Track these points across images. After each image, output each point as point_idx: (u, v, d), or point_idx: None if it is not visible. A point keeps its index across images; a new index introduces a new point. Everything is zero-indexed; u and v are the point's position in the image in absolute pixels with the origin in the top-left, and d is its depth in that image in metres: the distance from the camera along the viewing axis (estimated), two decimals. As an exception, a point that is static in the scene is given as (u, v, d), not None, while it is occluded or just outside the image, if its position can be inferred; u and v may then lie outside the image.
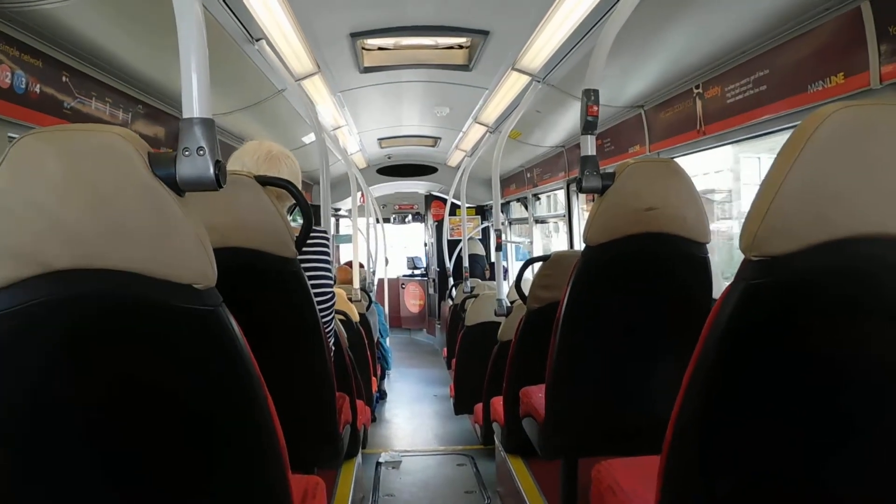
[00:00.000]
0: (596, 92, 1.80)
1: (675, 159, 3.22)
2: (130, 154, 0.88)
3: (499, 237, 4.07)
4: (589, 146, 1.80)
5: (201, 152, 0.91)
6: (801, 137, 0.94)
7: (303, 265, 1.66)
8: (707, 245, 1.82)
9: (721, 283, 2.81)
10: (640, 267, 1.82)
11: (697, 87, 3.02)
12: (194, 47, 0.93)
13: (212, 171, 0.92)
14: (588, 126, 1.80)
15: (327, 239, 2.02)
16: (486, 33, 3.28)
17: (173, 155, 0.91)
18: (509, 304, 3.70)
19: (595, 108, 1.79)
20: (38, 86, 2.18)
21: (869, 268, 0.98)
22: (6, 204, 0.88)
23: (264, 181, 1.56)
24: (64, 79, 2.35)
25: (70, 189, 0.88)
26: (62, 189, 0.88)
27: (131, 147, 0.89)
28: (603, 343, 1.90)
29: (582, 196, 5.22)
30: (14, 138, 2.00)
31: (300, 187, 1.82)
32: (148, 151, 0.90)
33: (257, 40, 2.94)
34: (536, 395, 2.27)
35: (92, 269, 0.90)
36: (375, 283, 7.32)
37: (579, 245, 5.23)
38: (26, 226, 0.88)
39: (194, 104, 0.93)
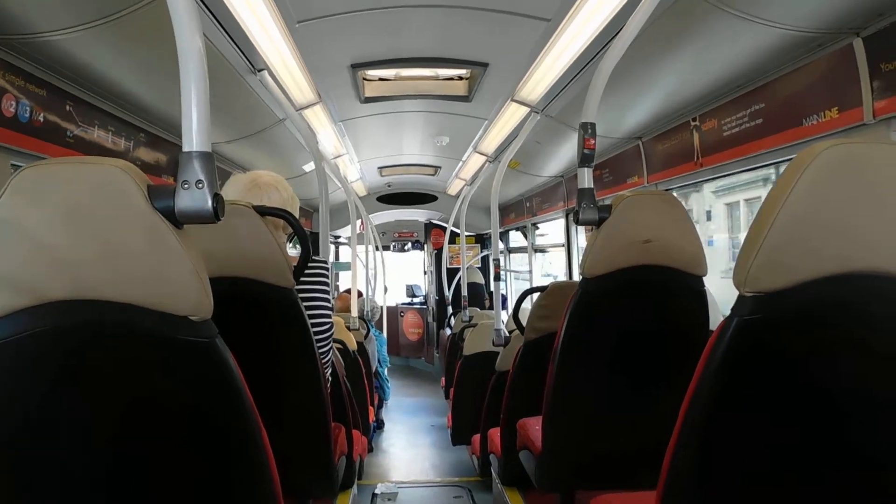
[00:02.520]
0: (593, 125, 1.81)
1: (673, 191, 3.25)
2: (130, 187, 0.89)
3: (497, 267, 4.07)
4: (586, 179, 1.81)
5: (200, 185, 0.92)
6: (793, 174, 0.96)
7: (301, 294, 1.66)
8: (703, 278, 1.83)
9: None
10: (637, 299, 1.82)
11: (694, 119, 3.05)
12: (195, 82, 0.94)
13: (210, 203, 0.92)
14: (585, 159, 1.81)
15: (326, 268, 2.03)
16: (485, 65, 3.32)
17: (172, 188, 0.92)
18: (507, 334, 3.68)
19: (592, 142, 1.80)
20: (41, 114, 2.20)
21: (860, 303, 0.99)
22: (4, 234, 0.89)
23: (263, 211, 1.57)
24: (67, 107, 2.37)
25: (69, 221, 0.89)
26: (61, 221, 0.89)
27: (131, 180, 0.89)
28: (600, 375, 1.89)
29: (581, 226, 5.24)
30: (17, 166, 2.04)
31: (296, 215, 1.83)
32: (147, 184, 0.91)
33: (259, 71, 2.97)
34: (533, 426, 2.26)
35: (88, 300, 0.90)
36: (380, 311, 7.28)
37: (578, 275, 5.23)
38: (23, 256, 0.89)
39: (194, 137, 0.94)
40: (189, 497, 1.03)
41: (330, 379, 2.04)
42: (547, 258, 7.35)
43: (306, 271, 1.77)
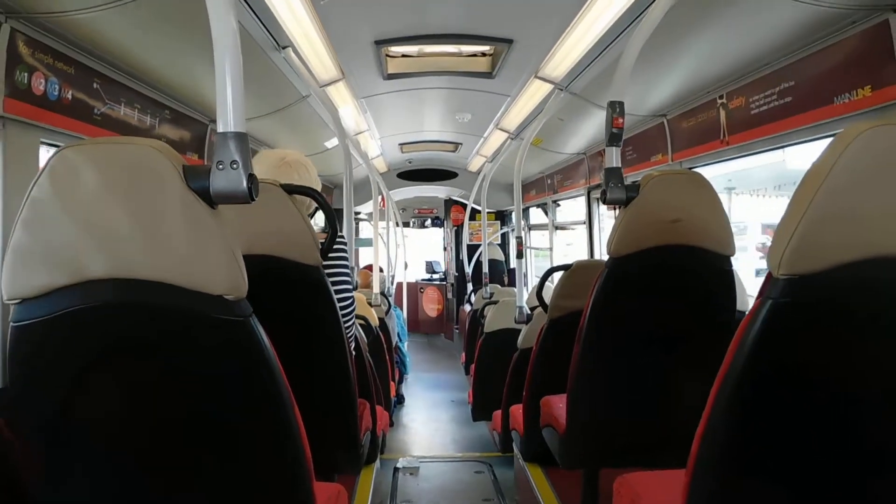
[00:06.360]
0: (621, 104, 1.80)
1: (699, 170, 3.22)
2: (166, 167, 0.90)
3: (520, 244, 4.06)
4: (613, 158, 1.80)
5: (235, 166, 0.93)
6: (831, 156, 0.94)
7: (325, 272, 1.68)
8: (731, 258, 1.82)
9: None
10: (664, 279, 1.81)
11: (721, 97, 3.00)
12: (230, 64, 0.95)
13: (245, 184, 0.93)
14: (613, 138, 1.80)
15: (346, 244, 2.04)
16: (509, 42, 3.29)
17: (207, 168, 0.93)
18: (529, 312, 3.68)
19: (620, 121, 1.79)
20: (70, 92, 2.21)
21: None
22: (44, 214, 0.91)
23: (290, 189, 1.58)
24: (95, 85, 2.39)
25: (106, 201, 0.90)
26: (99, 200, 0.90)
27: (167, 160, 0.91)
28: (626, 354, 1.89)
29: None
30: (46, 143, 2.06)
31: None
32: (183, 164, 0.92)
33: (284, 48, 2.97)
34: (557, 404, 2.27)
35: (125, 279, 0.92)
36: (394, 287, 7.33)
37: (599, 253, 5.22)
38: (63, 236, 0.91)
39: (229, 118, 0.95)
40: (224, 473, 1.05)
41: (354, 354, 2.06)
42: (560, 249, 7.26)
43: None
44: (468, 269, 8.18)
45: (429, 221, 10.94)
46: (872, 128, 0.94)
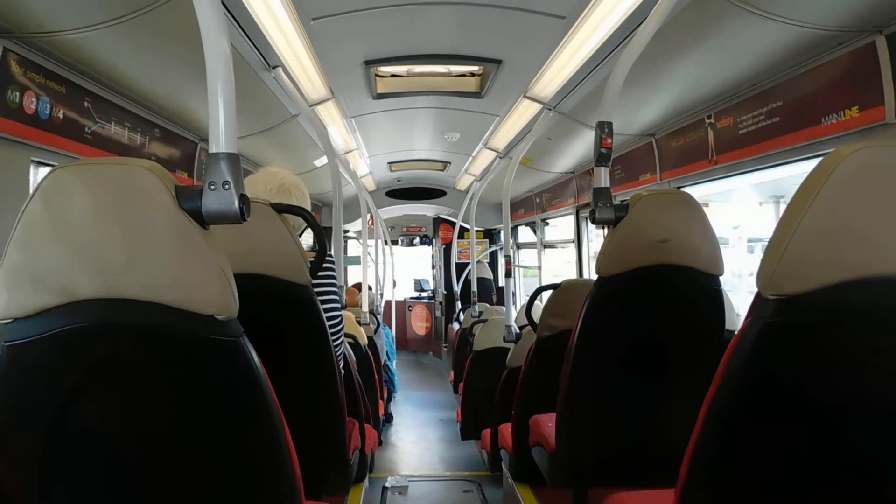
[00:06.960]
0: (610, 124, 1.81)
1: (687, 189, 3.24)
2: (158, 187, 0.90)
3: (508, 263, 4.07)
4: (602, 178, 1.82)
5: (227, 186, 0.93)
6: (819, 178, 0.96)
7: (314, 290, 1.68)
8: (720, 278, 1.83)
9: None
10: (653, 299, 1.82)
11: (710, 116, 3.03)
12: (222, 85, 0.95)
13: (236, 204, 0.93)
14: (602, 158, 1.81)
15: (334, 262, 2.05)
16: (498, 62, 3.32)
17: (199, 188, 0.93)
18: (518, 331, 3.68)
19: (609, 141, 1.80)
20: (61, 111, 2.21)
21: (884, 308, 0.99)
22: (35, 234, 0.90)
23: (280, 209, 1.58)
24: (86, 104, 2.39)
25: (98, 221, 0.90)
26: (91, 221, 0.90)
27: (159, 180, 0.91)
28: (615, 373, 1.89)
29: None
30: (36, 162, 2.06)
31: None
32: (175, 185, 0.92)
33: (274, 67, 2.98)
34: (546, 423, 2.26)
35: (116, 299, 0.92)
36: (382, 305, 7.32)
37: (588, 272, 5.23)
38: (54, 256, 0.90)
39: (221, 139, 0.95)
40: (214, 492, 1.05)
41: (343, 373, 2.05)
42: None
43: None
44: (457, 288, 8.17)
45: (417, 239, 10.97)
46: (861, 149, 0.95)
